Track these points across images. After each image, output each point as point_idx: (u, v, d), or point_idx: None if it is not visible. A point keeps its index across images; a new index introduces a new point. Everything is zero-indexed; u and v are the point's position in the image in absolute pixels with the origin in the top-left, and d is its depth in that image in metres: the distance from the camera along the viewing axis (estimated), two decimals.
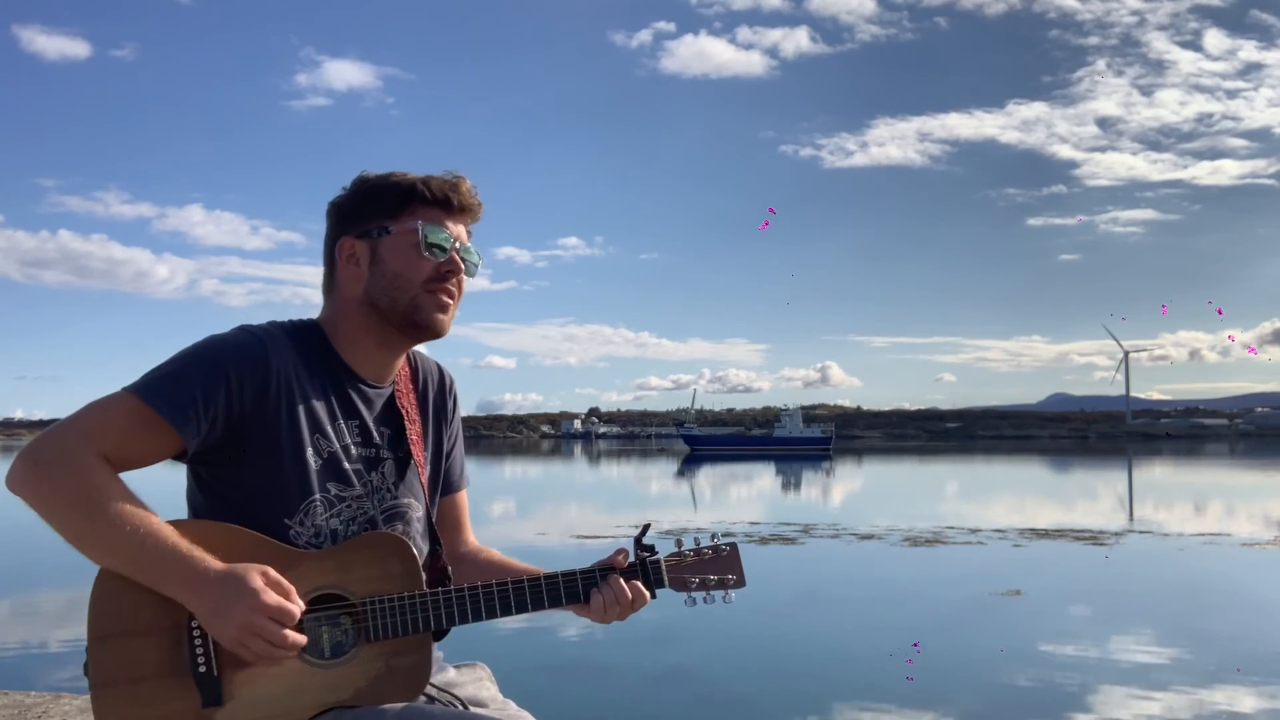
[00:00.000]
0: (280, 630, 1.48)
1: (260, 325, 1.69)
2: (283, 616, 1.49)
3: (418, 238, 1.69)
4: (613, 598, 1.72)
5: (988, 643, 8.95)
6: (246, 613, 1.47)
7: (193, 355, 1.61)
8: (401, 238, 1.70)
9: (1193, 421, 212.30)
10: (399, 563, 1.65)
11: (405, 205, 1.71)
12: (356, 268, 1.72)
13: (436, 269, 1.71)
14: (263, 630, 1.47)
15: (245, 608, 1.47)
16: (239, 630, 1.47)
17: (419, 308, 1.70)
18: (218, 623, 1.48)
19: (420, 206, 1.71)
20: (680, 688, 7.53)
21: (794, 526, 19.00)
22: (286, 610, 1.49)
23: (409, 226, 1.70)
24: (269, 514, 1.62)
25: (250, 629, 1.47)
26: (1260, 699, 7.03)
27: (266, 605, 1.47)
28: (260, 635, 1.48)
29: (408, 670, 1.62)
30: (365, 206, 1.72)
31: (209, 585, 1.49)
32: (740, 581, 1.83)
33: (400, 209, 1.71)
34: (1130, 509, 26.09)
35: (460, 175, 1.77)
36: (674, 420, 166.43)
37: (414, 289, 1.70)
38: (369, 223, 1.71)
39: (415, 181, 1.72)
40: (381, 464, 1.75)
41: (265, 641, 1.48)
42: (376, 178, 1.75)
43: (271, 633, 1.48)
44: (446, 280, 1.72)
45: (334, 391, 1.71)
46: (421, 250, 1.69)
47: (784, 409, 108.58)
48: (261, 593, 1.48)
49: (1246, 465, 55.58)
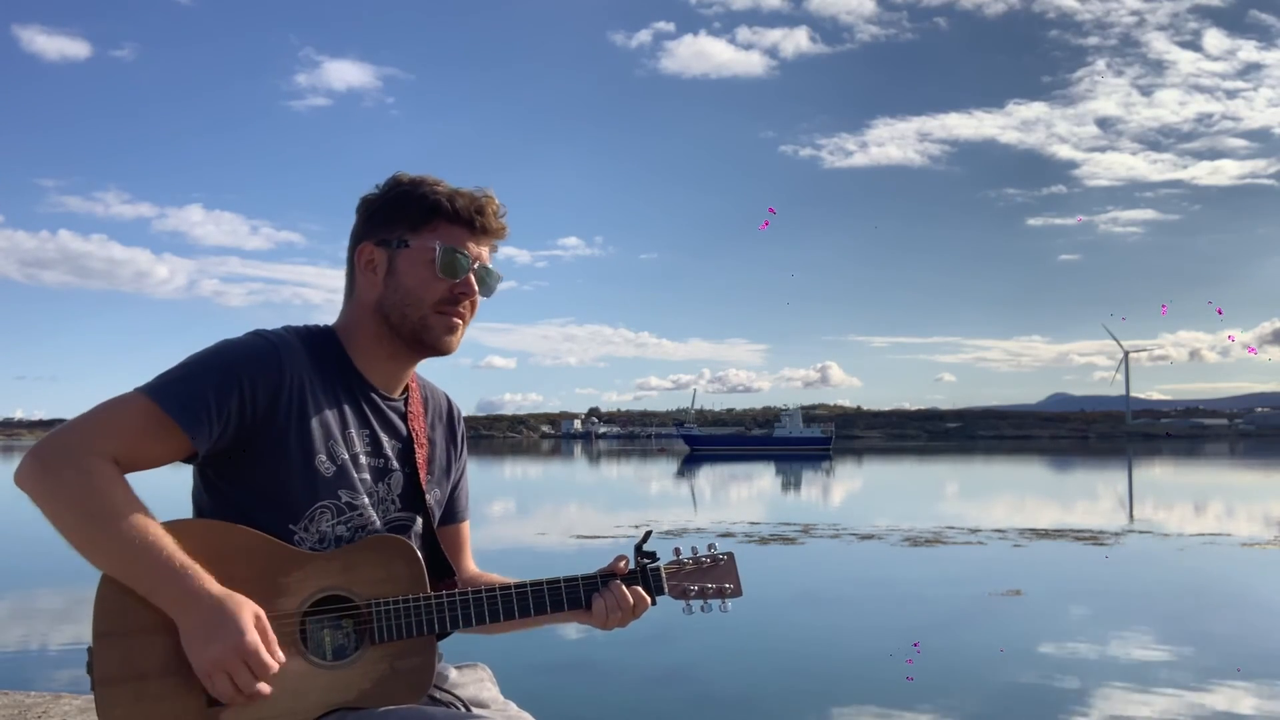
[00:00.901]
0: (249, 677, 1.47)
1: (274, 330, 1.68)
2: (259, 668, 1.48)
3: (434, 257, 1.68)
4: (614, 603, 1.72)
5: (988, 643, 8.94)
6: (225, 649, 1.46)
7: (206, 359, 1.60)
8: (419, 254, 1.69)
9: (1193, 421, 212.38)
10: (404, 565, 1.65)
11: (428, 220, 1.69)
12: (374, 275, 1.71)
13: (450, 290, 1.70)
14: (236, 674, 1.47)
15: (225, 644, 1.46)
16: (210, 663, 1.46)
17: (428, 328, 1.70)
18: (195, 647, 1.47)
19: (444, 224, 1.70)
20: (680, 688, 7.54)
21: (794, 526, 18.99)
22: (262, 661, 1.48)
23: (428, 244, 1.69)
24: (274, 519, 1.62)
25: (222, 666, 1.46)
26: (1260, 699, 7.03)
27: (245, 647, 1.46)
28: (232, 677, 1.47)
29: (412, 672, 1.63)
30: (390, 213, 1.71)
31: (197, 609, 1.48)
32: (737, 591, 1.84)
33: (423, 223, 1.69)
34: (1130, 509, 26.08)
35: (489, 193, 1.74)
36: (674, 420, 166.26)
37: (424, 309, 1.69)
38: (391, 231, 1.70)
39: (442, 197, 1.70)
40: (389, 475, 1.75)
41: (234, 686, 1.47)
42: (409, 182, 1.73)
43: (244, 680, 1.47)
44: (458, 303, 1.72)
45: (347, 400, 1.71)
46: (437, 271, 1.68)
47: (784, 409, 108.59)
48: (246, 633, 1.47)
49: (1246, 465, 55.56)
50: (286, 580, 1.59)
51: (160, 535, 1.50)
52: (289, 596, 1.58)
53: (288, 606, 1.58)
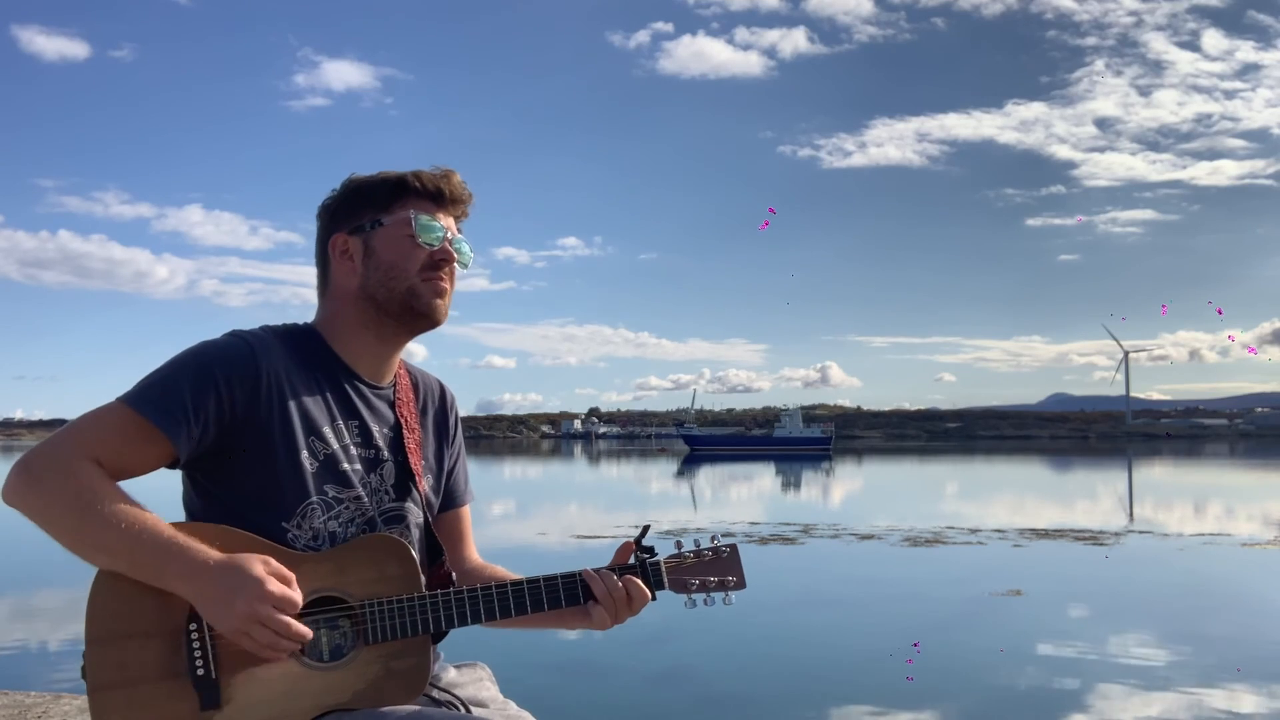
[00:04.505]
0: (285, 619, 1.47)
1: (250, 329, 1.69)
2: (286, 605, 1.47)
3: (411, 228, 1.71)
4: (604, 590, 1.69)
5: (988, 643, 8.95)
6: (251, 601, 1.45)
7: (181, 362, 1.61)
8: (394, 228, 1.71)
9: (1193, 421, 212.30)
10: (397, 565, 1.64)
11: (397, 197, 1.73)
12: (350, 263, 1.73)
13: (430, 257, 1.72)
14: (268, 619, 1.45)
15: (249, 596, 1.45)
16: (242, 620, 1.45)
17: (416, 295, 1.71)
18: (220, 611, 1.46)
19: (412, 198, 1.73)
20: (680, 688, 7.54)
21: (794, 527, 18.99)
22: (290, 599, 1.48)
23: (401, 217, 1.71)
24: (265, 518, 1.61)
25: (254, 618, 1.45)
26: (1260, 699, 7.03)
27: (270, 594, 1.46)
28: (265, 624, 1.46)
29: (407, 673, 1.61)
30: (356, 202, 1.74)
31: (210, 575, 1.47)
32: (740, 583, 1.80)
33: (392, 201, 1.73)
34: (1130, 509, 26.10)
35: (450, 169, 1.78)
36: (674, 420, 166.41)
37: (410, 277, 1.71)
38: (360, 217, 1.73)
39: (406, 174, 1.74)
40: (381, 466, 1.74)
41: (270, 631, 1.46)
42: (366, 176, 1.77)
43: (277, 622, 1.46)
44: (440, 268, 1.74)
45: (332, 391, 1.71)
46: (416, 239, 1.71)
47: (784, 409, 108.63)
48: (265, 581, 1.46)
49: (1246, 465, 55.58)
50: None
51: (154, 520, 1.51)
52: None
53: None
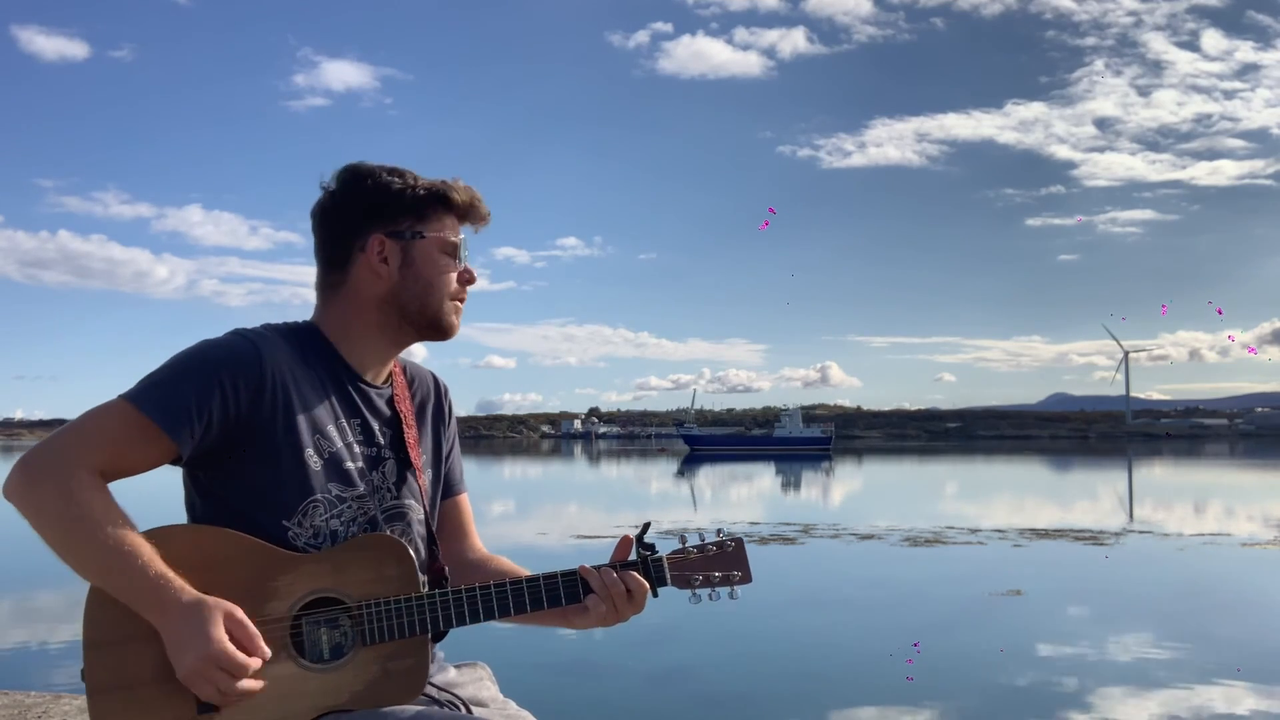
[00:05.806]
0: (231, 680, 1.48)
1: (253, 328, 1.68)
2: (234, 669, 1.48)
3: (454, 249, 1.74)
4: (602, 585, 1.67)
5: (988, 643, 8.95)
6: (199, 657, 1.46)
7: (185, 360, 1.60)
8: (435, 244, 1.73)
9: (1193, 421, 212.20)
10: (395, 565, 1.63)
11: (435, 211, 1.74)
12: (385, 266, 1.71)
13: (459, 278, 1.76)
14: (213, 678, 1.47)
15: (199, 652, 1.46)
16: (190, 672, 1.47)
17: (445, 313, 1.75)
18: (175, 655, 1.48)
19: (448, 214, 1.75)
20: (680, 688, 7.54)
21: (794, 526, 18.99)
22: (238, 664, 1.48)
23: (443, 235, 1.73)
24: (267, 516, 1.61)
25: (200, 673, 1.47)
26: (1260, 699, 7.03)
27: (216, 654, 1.46)
28: (210, 682, 1.47)
29: (405, 673, 1.61)
30: (397, 206, 1.72)
31: (173, 617, 1.48)
32: (746, 577, 1.77)
33: (430, 214, 1.73)
34: (1130, 509, 26.10)
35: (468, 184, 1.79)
36: (674, 420, 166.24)
37: (444, 296, 1.74)
38: (399, 223, 1.72)
39: (445, 189, 1.74)
40: (383, 463, 1.74)
41: (214, 689, 1.48)
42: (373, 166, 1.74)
43: (223, 683, 1.48)
44: (465, 288, 1.78)
45: (335, 391, 1.71)
46: (457, 261, 1.75)
47: (784, 409, 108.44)
48: (213, 638, 1.47)
49: (1246, 465, 55.59)
50: (275, 584, 1.57)
51: (138, 546, 1.50)
52: (278, 600, 1.57)
53: (277, 610, 1.56)
